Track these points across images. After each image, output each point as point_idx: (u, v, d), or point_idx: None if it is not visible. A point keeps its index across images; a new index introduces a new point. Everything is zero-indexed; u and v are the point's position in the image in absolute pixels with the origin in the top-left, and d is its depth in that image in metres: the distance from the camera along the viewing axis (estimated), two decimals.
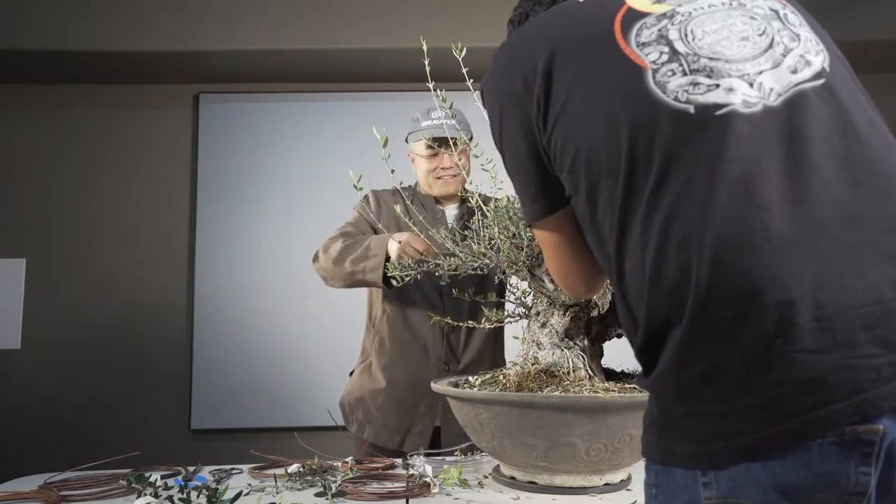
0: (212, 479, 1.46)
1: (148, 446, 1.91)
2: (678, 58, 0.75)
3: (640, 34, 0.78)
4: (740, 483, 0.63)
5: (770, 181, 0.66)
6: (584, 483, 1.33)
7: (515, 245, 1.42)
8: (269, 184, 3.87)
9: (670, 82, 0.73)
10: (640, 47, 0.77)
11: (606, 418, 1.26)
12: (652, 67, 0.75)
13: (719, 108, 0.70)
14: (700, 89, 0.72)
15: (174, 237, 3.84)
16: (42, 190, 3.83)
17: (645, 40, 0.77)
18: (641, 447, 0.74)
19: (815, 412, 0.61)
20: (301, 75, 3.85)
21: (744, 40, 0.75)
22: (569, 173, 0.82)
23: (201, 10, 3.51)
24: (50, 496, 1.29)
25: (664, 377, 0.69)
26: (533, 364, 1.42)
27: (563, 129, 0.81)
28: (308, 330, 3.75)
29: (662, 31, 0.77)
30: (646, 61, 0.75)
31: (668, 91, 0.73)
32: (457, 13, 3.49)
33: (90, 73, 3.76)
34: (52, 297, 3.73)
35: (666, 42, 0.76)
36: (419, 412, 1.89)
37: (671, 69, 0.74)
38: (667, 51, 0.75)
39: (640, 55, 0.76)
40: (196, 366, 3.72)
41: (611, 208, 0.76)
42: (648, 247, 0.71)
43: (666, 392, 0.70)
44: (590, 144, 0.77)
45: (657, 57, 0.75)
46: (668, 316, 0.69)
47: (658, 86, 0.74)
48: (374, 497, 1.27)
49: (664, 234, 0.69)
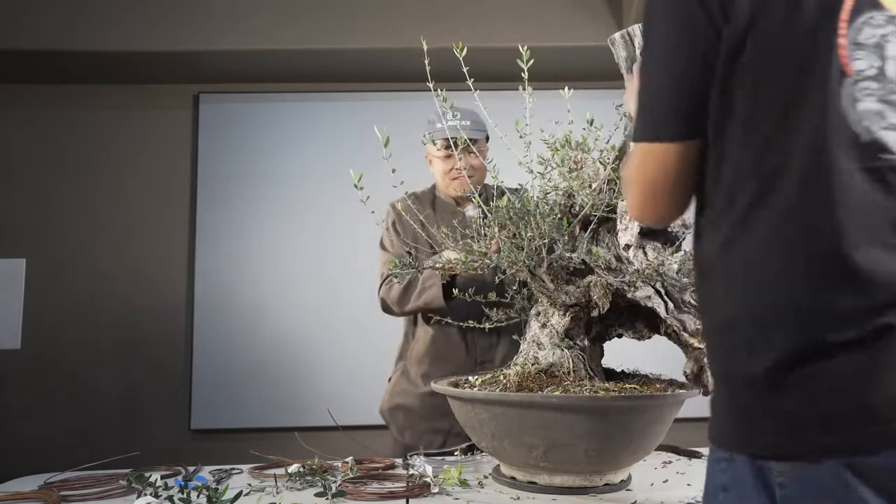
0: (212, 479, 1.46)
1: (148, 446, 1.91)
2: (883, 79, 0.73)
3: (862, 30, 0.73)
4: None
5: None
6: (584, 483, 1.33)
7: (516, 245, 1.42)
8: (268, 184, 3.87)
9: (861, 102, 0.72)
10: (855, 47, 0.73)
11: (606, 418, 1.26)
12: (854, 77, 0.72)
13: (886, 153, 0.71)
14: (883, 123, 0.72)
15: (174, 237, 3.84)
16: (42, 190, 3.83)
17: (863, 41, 0.73)
18: (761, 444, 0.73)
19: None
20: (301, 75, 3.85)
21: None
22: (744, 131, 0.77)
23: (201, 10, 3.51)
24: (50, 496, 1.29)
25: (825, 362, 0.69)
26: (533, 364, 1.42)
27: (748, 85, 0.76)
28: (308, 330, 3.76)
29: (884, 39, 0.73)
30: (852, 67, 0.73)
31: (857, 110, 0.72)
32: (457, 13, 3.49)
33: (90, 73, 3.76)
34: (52, 297, 3.73)
35: (881, 56, 0.73)
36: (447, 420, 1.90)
37: (870, 88, 0.72)
38: (877, 66, 0.73)
39: (849, 57, 0.73)
40: (196, 366, 3.72)
41: (768, 204, 0.75)
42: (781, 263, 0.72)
43: (821, 379, 0.69)
44: (769, 126, 0.75)
45: (864, 67, 0.73)
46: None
47: (849, 99, 0.72)
48: (374, 497, 1.27)
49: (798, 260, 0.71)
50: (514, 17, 3.45)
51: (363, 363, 3.62)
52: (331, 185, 3.68)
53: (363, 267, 3.29)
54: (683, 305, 1.40)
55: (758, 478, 0.72)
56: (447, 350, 1.96)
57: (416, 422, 1.96)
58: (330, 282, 3.77)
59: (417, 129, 2.10)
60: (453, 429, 1.88)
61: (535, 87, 1.49)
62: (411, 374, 2.01)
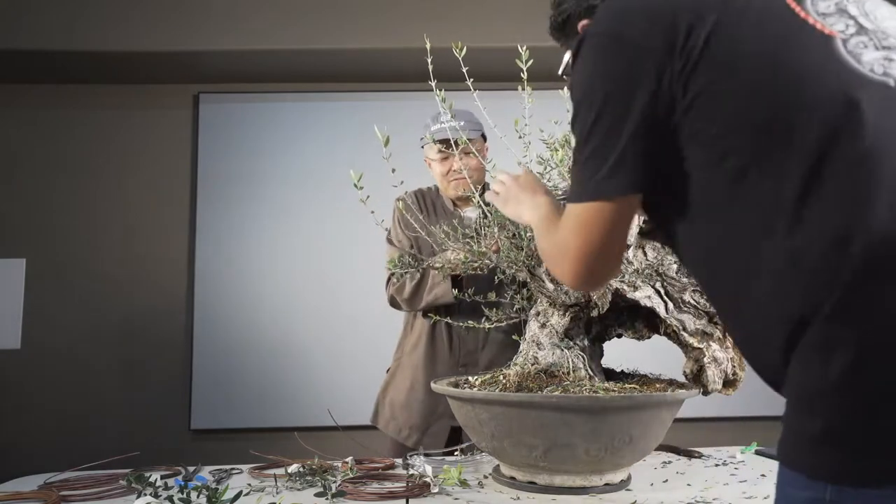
0: (212, 479, 1.46)
1: (148, 446, 1.91)
2: (867, 32, 0.73)
3: (816, 4, 0.75)
4: None
5: None
6: (584, 483, 1.33)
7: (515, 245, 1.42)
8: (268, 184, 3.87)
9: (864, 54, 0.71)
10: (822, 16, 0.74)
11: (606, 418, 1.26)
12: (841, 37, 0.72)
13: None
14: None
15: (174, 237, 3.84)
16: (42, 190, 3.83)
17: (824, 11, 0.74)
18: (811, 468, 0.64)
19: None
20: (301, 75, 3.85)
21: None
22: (717, 139, 0.75)
23: (201, 10, 3.51)
24: (50, 496, 1.29)
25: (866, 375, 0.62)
26: (533, 364, 1.42)
27: (717, 95, 0.74)
28: (308, 329, 3.76)
29: (840, 5, 0.75)
30: (833, 30, 0.73)
31: (862, 62, 0.70)
32: (457, 13, 3.49)
33: (90, 73, 3.76)
34: (52, 297, 3.73)
35: (848, 16, 0.74)
36: (438, 413, 1.94)
37: (862, 41, 0.72)
38: (853, 24, 0.73)
39: (823, 23, 0.73)
40: (196, 366, 3.72)
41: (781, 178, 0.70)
42: (857, 221, 0.64)
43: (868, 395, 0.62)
44: (762, 112, 0.72)
45: (844, 28, 0.73)
46: (888, 300, 0.62)
47: (852, 55, 0.71)
48: (374, 497, 1.27)
49: (882, 208, 0.64)
50: (514, 17, 3.44)
51: (363, 363, 3.62)
52: (331, 185, 3.68)
53: (363, 267, 3.29)
54: (683, 305, 1.40)
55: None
56: (436, 346, 2.01)
57: (399, 415, 2.02)
58: (330, 281, 3.77)
59: (417, 129, 2.10)
60: (430, 427, 1.96)
61: (535, 87, 1.49)
62: (403, 368, 2.07)
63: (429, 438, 1.94)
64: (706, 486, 1.40)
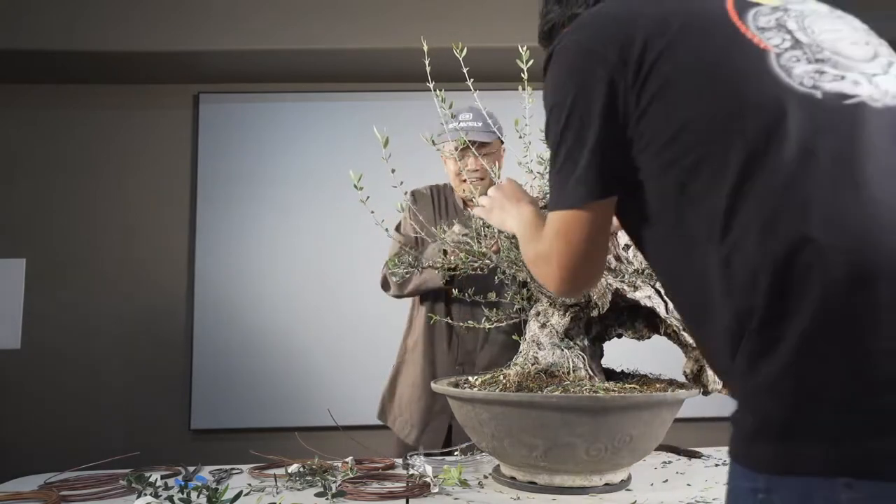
0: (212, 479, 1.46)
1: (148, 446, 1.91)
2: (801, 46, 0.75)
3: (756, 19, 0.78)
4: (894, 489, 0.60)
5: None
6: (584, 483, 1.33)
7: (515, 245, 1.42)
8: (268, 184, 3.87)
9: (795, 68, 0.73)
10: (760, 31, 0.76)
11: (606, 418, 1.26)
12: (775, 51, 0.75)
13: (848, 98, 0.71)
14: (826, 77, 0.72)
15: (174, 237, 3.84)
16: (42, 190, 3.83)
17: (764, 25, 0.77)
18: (746, 458, 0.69)
19: None
20: (301, 75, 3.85)
21: (854, 44, 0.77)
22: (663, 149, 0.78)
23: (201, 10, 3.51)
24: (50, 496, 1.29)
25: (799, 374, 0.65)
26: (533, 364, 1.42)
27: (664, 106, 0.78)
28: (308, 329, 3.76)
29: (780, 21, 0.78)
30: (768, 45, 0.75)
31: (793, 75, 0.73)
32: (457, 13, 3.49)
33: (90, 73, 3.76)
34: (52, 297, 3.73)
35: (786, 31, 0.76)
36: (435, 410, 1.97)
37: (795, 55, 0.74)
38: (789, 38, 0.76)
39: (761, 38, 0.76)
40: (196, 366, 3.72)
41: (717, 187, 0.73)
42: (782, 226, 0.67)
43: (801, 392, 0.65)
44: (700, 123, 0.75)
45: (780, 42, 0.75)
46: (814, 303, 0.64)
47: (783, 69, 0.73)
48: (374, 497, 1.27)
49: (803, 214, 0.67)
50: (514, 17, 3.44)
51: (363, 363, 3.62)
52: (331, 185, 3.68)
53: (363, 267, 3.28)
54: None
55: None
56: (435, 345, 2.02)
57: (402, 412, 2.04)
58: (330, 281, 3.77)
59: (417, 129, 2.09)
60: (429, 425, 1.98)
61: (535, 87, 1.49)
62: (405, 365, 2.09)
63: (428, 435, 1.96)
64: (706, 486, 1.40)
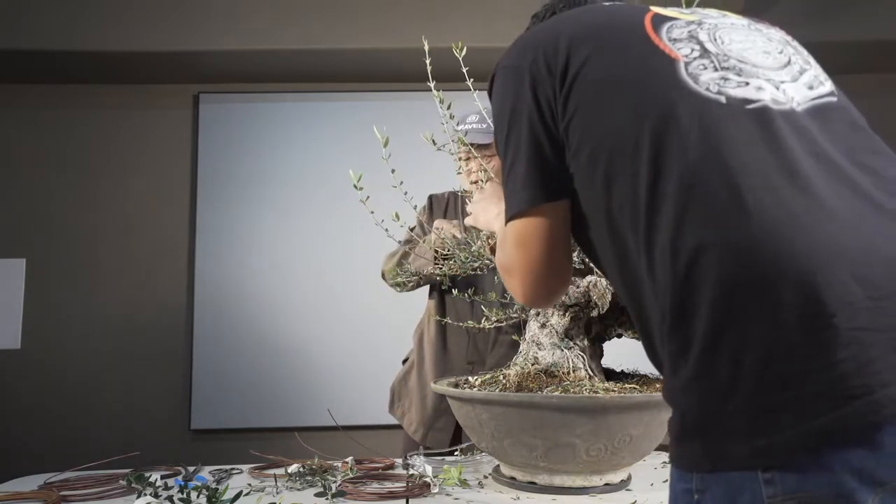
0: (212, 479, 1.46)
1: (148, 446, 1.91)
2: (709, 55, 0.79)
3: (671, 31, 0.82)
4: (811, 474, 0.61)
5: (811, 169, 0.69)
6: (584, 483, 1.33)
7: None
8: (268, 184, 3.87)
9: (702, 75, 0.77)
10: (672, 42, 0.81)
11: (606, 418, 1.26)
12: (684, 60, 0.79)
13: (751, 103, 0.74)
14: (731, 84, 0.76)
15: (174, 237, 3.85)
16: (42, 190, 3.83)
17: (676, 37, 0.82)
18: (678, 460, 0.70)
19: (886, 389, 0.59)
20: (301, 75, 3.85)
21: (766, 53, 0.81)
22: (588, 156, 0.81)
23: (201, 10, 3.51)
24: (50, 496, 1.29)
25: (708, 373, 0.66)
26: (533, 364, 1.42)
27: (587, 114, 0.81)
28: (308, 329, 3.76)
29: (692, 33, 0.82)
30: (678, 54, 0.79)
31: (700, 82, 0.76)
32: (457, 13, 3.49)
33: (90, 73, 3.76)
34: (52, 297, 3.73)
35: (697, 41, 0.81)
36: (443, 408, 1.96)
37: (703, 64, 0.78)
38: (698, 48, 0.80)
39: (672, 48, 0.80)
40: (196, 366, 3.72)
41: (633, 193, 0.75)
42: (684, 230, 0.69)
43: (711, 390, 0.66)
44: (616, 130, 0.78)
45: (689, 52, 0.80)
46: (713, 304, 0.66)
47: (690, 77, 0.77)
48: (374, 497, 1.27)
49: (702, 218, 0.69)
50: (514, 17, 3.44)
51: (363, 363, 3.63)
52: (331, 185, 3.68)
53: (363, 267, 3.29)
54: None
55: None
56: (447, 344, 2.02)
57: (410, 409, 2.04)
58: (330, 282, 3.78)
59: (417, 129, 2.09)
60: (436, 423, 1.98)
61: None
62: (415, 363, 2.09)
63: (435, 433, 1.96)
64: None
